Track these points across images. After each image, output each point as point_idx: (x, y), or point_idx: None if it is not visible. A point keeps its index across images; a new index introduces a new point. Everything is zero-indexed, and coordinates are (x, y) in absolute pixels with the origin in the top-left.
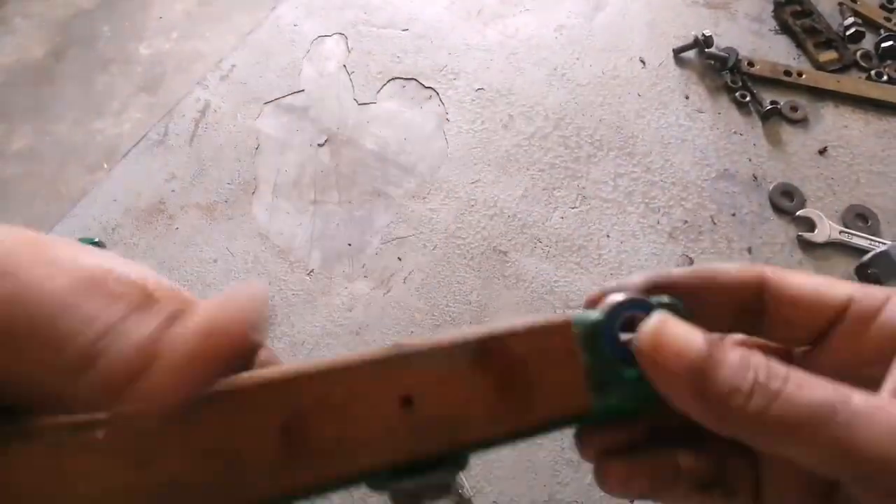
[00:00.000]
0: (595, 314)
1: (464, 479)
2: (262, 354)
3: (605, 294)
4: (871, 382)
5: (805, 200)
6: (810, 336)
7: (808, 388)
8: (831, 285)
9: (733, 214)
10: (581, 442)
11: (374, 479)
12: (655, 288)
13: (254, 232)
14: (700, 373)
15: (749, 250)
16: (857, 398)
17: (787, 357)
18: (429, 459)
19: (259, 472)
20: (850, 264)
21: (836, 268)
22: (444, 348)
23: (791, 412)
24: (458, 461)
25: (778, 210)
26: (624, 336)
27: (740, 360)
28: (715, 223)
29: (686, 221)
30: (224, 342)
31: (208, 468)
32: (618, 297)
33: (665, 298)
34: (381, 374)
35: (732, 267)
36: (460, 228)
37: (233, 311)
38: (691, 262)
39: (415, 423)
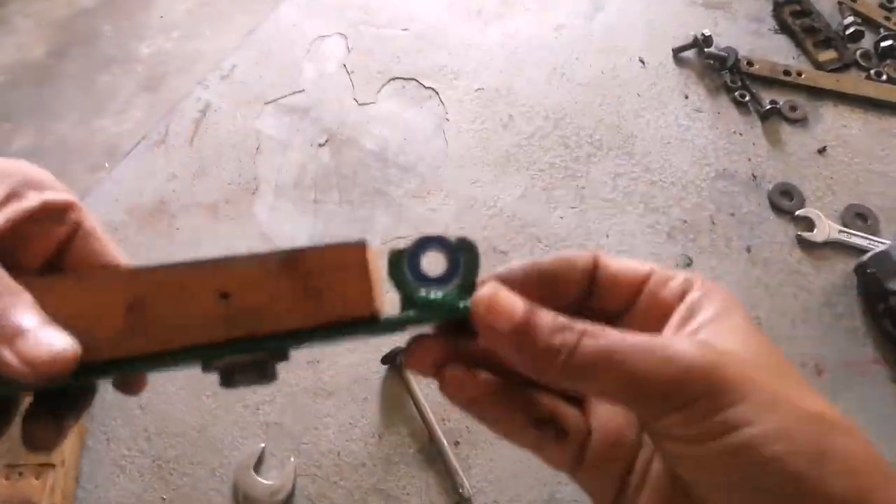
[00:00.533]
0: (402, 245)
1: (464, 479)
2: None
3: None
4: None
5: (804, 200)
6: (625, 305)
7: (596, 337)
8: (639, 265)
9: (732, 214)
10: (408, 351)
11: (200, 357)
12: (528, 277)
13: (255, 232)
14: (521, 335)
15: (748, 249)
16: (630, 339)
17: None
18: (244, 345)
19: (108, 338)
20: (850, 263)
21: (836, 267)
22: (259, 256)
23: (586, 359)
24: (270, 349)
25: (777, 209)
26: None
27: (552, 322)
28: (714, 223)
29: (685, 221)
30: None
31: (78, 328)
32: (423, 234)
33: (464, 239)
34: (206, 272)
35: (578, 260)
36: (460, 228)
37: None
38: (690, 261)
39: (229, 313)
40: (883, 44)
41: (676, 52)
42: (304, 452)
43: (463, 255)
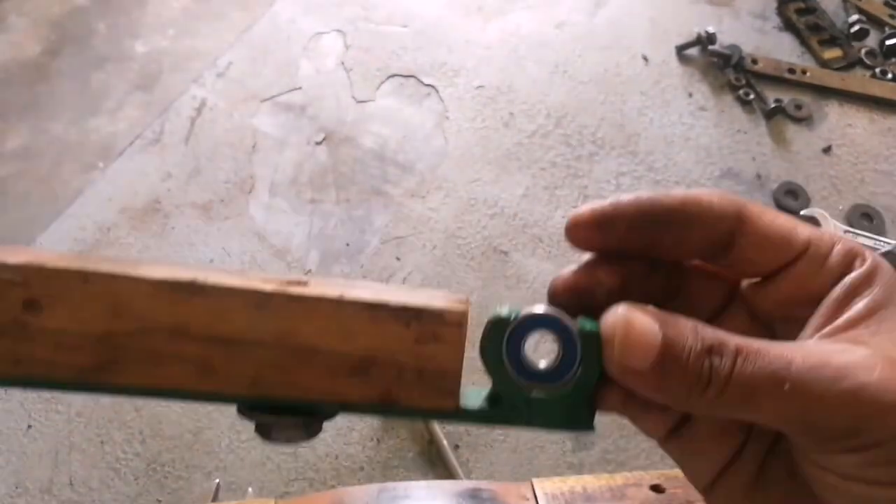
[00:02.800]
0: (505, 313)
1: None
2: None
3: (561, 281)
4: (801, 321)
5: (809, 199)
6: (766, 272)
7: (755, 358)
8: (796, 227)
9: None
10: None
11: (236, 403)
12: (645, 214)
13: (251, 231)
14: (660, 369)
15: None
16: (798, 362)
17: (734, 286)
18: (290, 406)
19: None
20: None
21: None
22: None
23: (744, 389)
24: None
25: (782, 209)
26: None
27: (695, 344)
28: None
29: None
30: None
31: None
32: (536, 309)
33: (588, 324)
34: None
35: (714, 197)
36: (460, 228)
37: None
38: None
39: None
40: (888, 42)
41: (680, 49)
42: (302, 456)
43: (586, 348)
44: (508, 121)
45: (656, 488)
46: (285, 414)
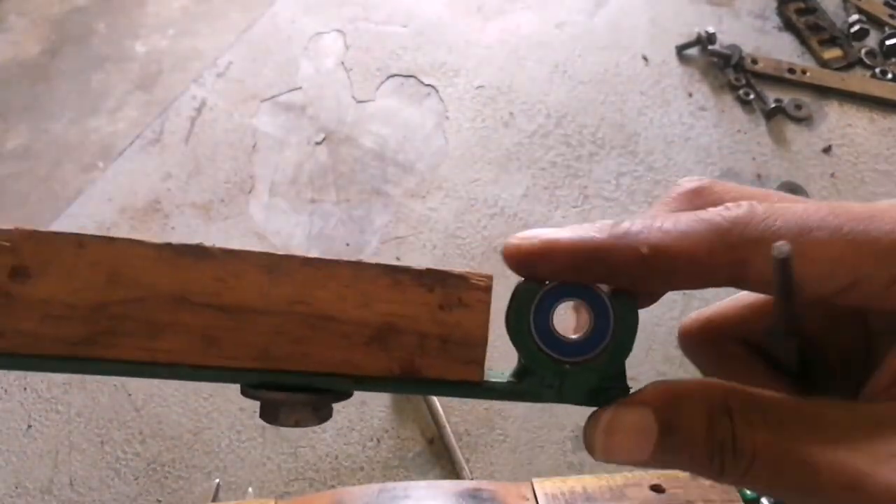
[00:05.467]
0: (533, 286)
1: (471, 475)
2: None
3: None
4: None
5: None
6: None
7: (776, 431)
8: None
9: None
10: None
11: (238, 381)
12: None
13: (251, 231)
14: (667, 454)
15: None
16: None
17: None
18: (298, 379)
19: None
20: None
21: None
22: (357, 265)
23: (766, 466)
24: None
25: None
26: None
27: (703, 428)
28: None
29: None
30: None
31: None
32: (563, 281)
33: (620, 293)
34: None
35: (700, 234)
36: (460, 228)
37: None
38: None
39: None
40: (888, 42)
41: (680, 49)
42: (302, 456)
43: (618, 317)
44: (508, 121)
45: (656, 488)
46: (294, 392)
